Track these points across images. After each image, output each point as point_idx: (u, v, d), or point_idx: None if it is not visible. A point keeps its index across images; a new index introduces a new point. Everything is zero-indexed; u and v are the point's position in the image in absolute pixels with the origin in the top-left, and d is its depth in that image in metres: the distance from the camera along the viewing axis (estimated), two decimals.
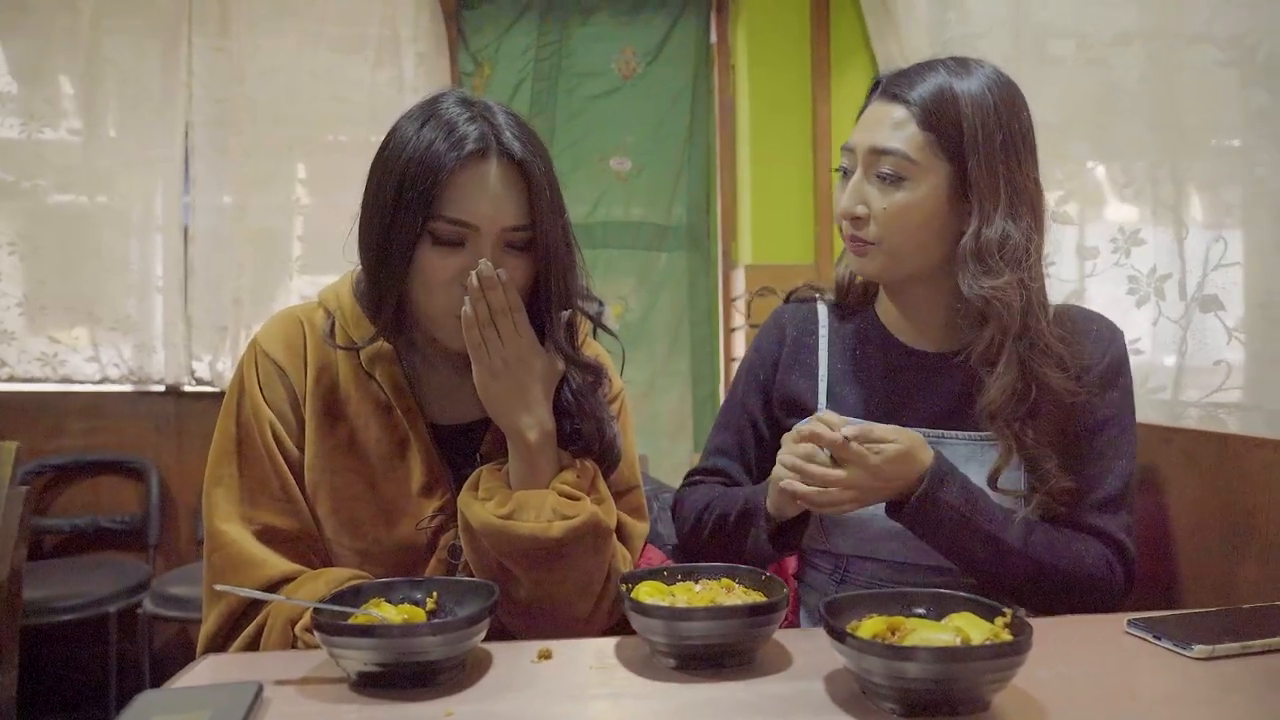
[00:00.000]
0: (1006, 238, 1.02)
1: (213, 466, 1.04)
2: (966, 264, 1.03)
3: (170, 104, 3.00)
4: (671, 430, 3.34)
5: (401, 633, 0.79)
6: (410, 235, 0.96)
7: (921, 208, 1.05)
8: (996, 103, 1.03)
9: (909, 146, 1.04)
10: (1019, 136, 1.05)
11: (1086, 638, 0.92)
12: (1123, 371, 1.11)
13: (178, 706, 0.73)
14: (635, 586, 0.90)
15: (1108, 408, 1.09)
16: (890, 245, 1.07)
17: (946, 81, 1.04)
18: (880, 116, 1.07)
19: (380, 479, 1.05)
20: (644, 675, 0.84)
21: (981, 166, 1.02)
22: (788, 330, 1.24)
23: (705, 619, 0.82)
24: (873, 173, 1.06)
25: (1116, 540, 1.07)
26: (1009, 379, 1.03)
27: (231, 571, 0.98)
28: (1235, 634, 0.87)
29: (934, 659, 0.70)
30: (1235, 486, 1.15)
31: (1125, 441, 1.09)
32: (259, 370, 1.06)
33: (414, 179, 0.95)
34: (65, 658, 2.75)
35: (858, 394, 1.16)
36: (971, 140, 1.02)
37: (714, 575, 0.94)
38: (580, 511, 0.99)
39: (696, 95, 3.36)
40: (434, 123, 0.97)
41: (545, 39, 3.29)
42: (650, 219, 3.36)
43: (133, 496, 2.98)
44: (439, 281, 0.98)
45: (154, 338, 3.02)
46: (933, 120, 1.03)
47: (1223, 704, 0.77)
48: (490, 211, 0.97)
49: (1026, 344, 1.04)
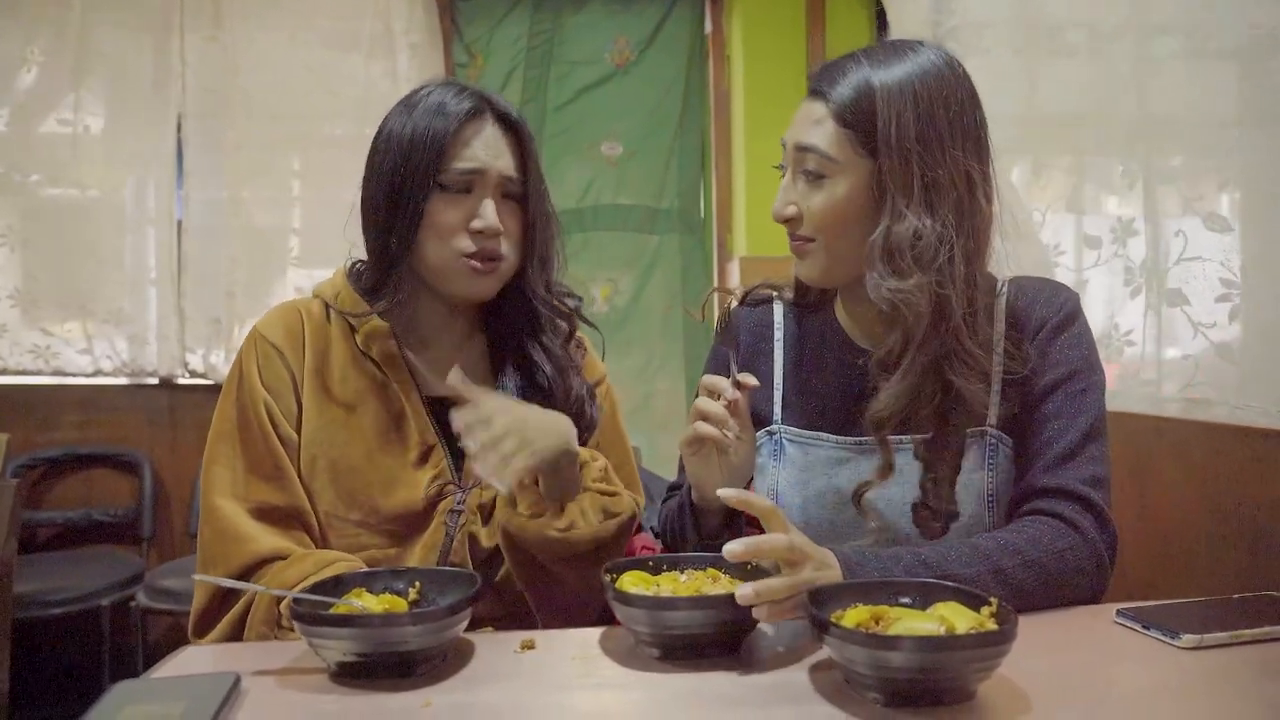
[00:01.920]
0: (918, 236, 0.96)
1: (211, 446, 1.07)
2: (874, 263, 0.98)
3: (162, 96, 2.99)
4: (663, 414, 3.34)
5: (381, 622, 0.78)
6: (422, 192, 1.05)
7: (845, 205, 1.00)
8: (918, 92, 0.97)
9: (826, 143, 1.00)
10: (943, 124, 0.97)
11: (1074, 627, 0.92)
12: (1078, 328, 1.05)
13: (152, 697, 0.72)
14: (619, 576, 0.90)
15: (1062, 366, 1.03)
16: (825, 245, 1.03)
17: (866, 74, 0.99)
18: (805, 113, 1.04)
19: (377, 450, 1.08)
20: (627, 666, 0.83)
21: (894, 159, 0.97)
22: (742, 337, 1.19)
23: (688, 609, 0.81)
24: (799, 171, 1.04)
25: (1076, 494, 0.97)
26: (905, 386, 0.98)
27: (221, 546, 1.01)
28: (1223, 624, 0.86)
29: (918, 648, 0.69)
30: (1224, 477, 1.15)
31: (1087, 400, 1.02)
32: (258, 353, 1.10)
33: (419, 140, 1.05)
34: (58, 651, 2.74)
35: (815, 402, 1.12)
36: (885, 132, 0.97)
37: (699, 565, 0.93)
38: (625, 508, 1.08)
39: (690, 82, 3.35)
40: (425, 105, 1.07)
41: (538, 27, 3.28)
42: (641, 202, 3.35)
43: (126, 489, 2.98)
44: (449, 227, 1.06)
45: (147, 330, 3.01)
46: (849, 116, 0.98)
47: (1211, 694, 0.76)
48: (491, 159, 1.07)
49: (938, 350, 0.98)
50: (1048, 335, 1.04)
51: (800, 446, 1.10)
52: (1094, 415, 1.02)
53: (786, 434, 1.11)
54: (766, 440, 1.13)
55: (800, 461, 1.10)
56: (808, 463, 1.09)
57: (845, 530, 1.06)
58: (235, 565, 1.00)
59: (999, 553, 0.94)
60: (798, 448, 1.10)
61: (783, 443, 1.11)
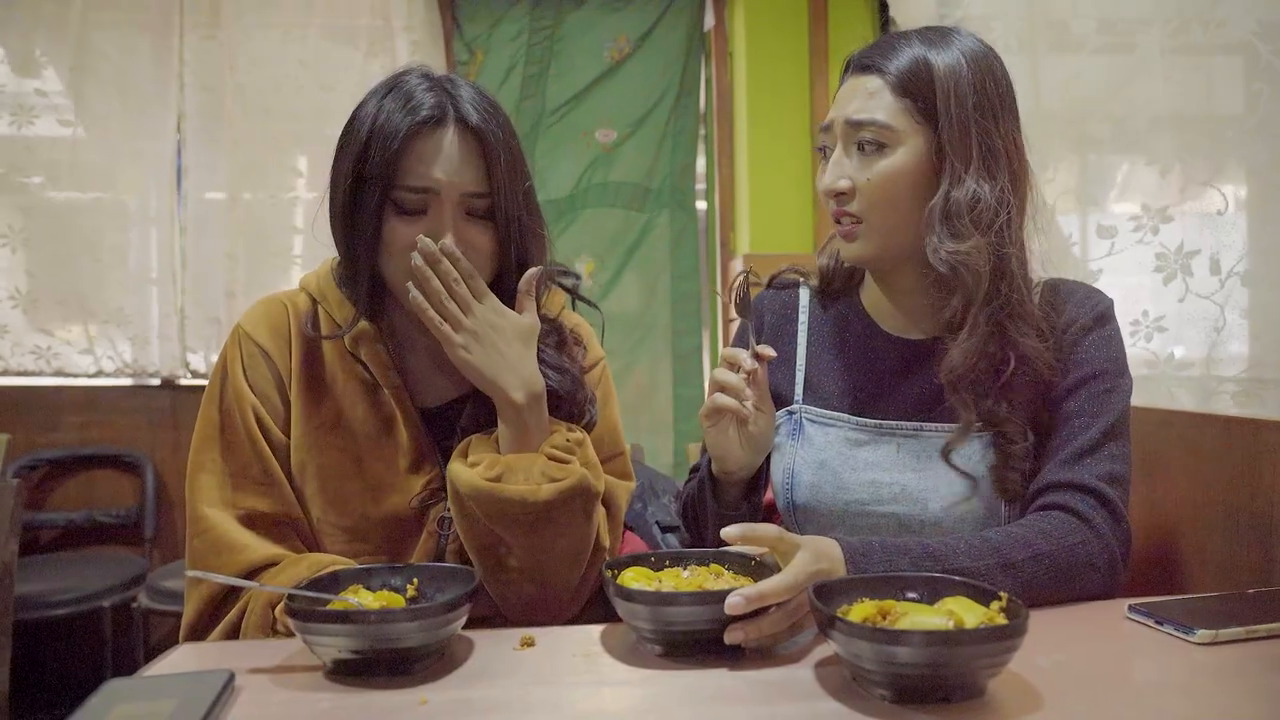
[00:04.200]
0: (976, 200, 0.99)
1: (195, 452, 1.03)
2: (933, 227, 1.01)
3: (162, 95, 2.99)
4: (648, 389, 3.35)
5: (378, 619, 0.77)
6: (374, 207, 0.97)
7: (905, 175, 1.02)
8: (969, 65, 1.02)
9: (886, 114, 1.02)
10: (995, 98, 1.03)
11: (1085, 623, 0.90)
12: (1109, 330, 1.06)
13: (144, 695, 0.70)
14: (621, 572, 0.88)
15: (1088, 365, 1.03)
16: (877, 221, 1.04)
17: (920, 50, 1.03)
18: (856, 89, 1.05)
19: (367, 456, 1.04)
20: (628, 662, 0.81)
21: (954, 126, 1.00)
22: (766, 318, 1.22)
23: (691, 604, 0.79)
24: (853, 146, 1.04)
25: (1090, 488, 0.97)
26: (973, 343, 1.00)
27: (213, 556, 0.98)
28: (1239, 618, 0.85)
29: (926, 643, 0.67)
30: (1238, 470, 1.12)
31: (1111, 401, 1.02)
32: (243, 353, 1.05)
33: (372, 150, 0.96)
34: (60, 653, 2.74)
35: (837, 385, 1.13)
36: (944, 102, 1.00)
37: (702, 561, 0.91)
38: (569, 474, 0.97)
39: (687, 68, 3.34)
40: (394, 94, 0.99)
41: (539, 24, 3.28)
42: (631, 179, 3.35)
43: (128, 490, 2.97)
44: (402, 248, 0.98)
45: (149, 331, 3.01)
46: (908, 86, 1.02)
47: (1225, 689, 0.74)
48: (448, 177, 0.97)
49: (1000, 309, 1.00)
50: (1077, 334, 1.04)
51: (820, 427, 1.12)
52: (1116, 415, 1.02)
53: (807, 414, 1.13)
54: (786, 419, 1.14)
55: (818, 441, 1.11)
56: (825, 442, 1.10)
57: (854, 515, 1.06)
58: (229, 575, 0.96)
59: (1009, 545, 0.92)
60: (817, 428, 1.12)
61: (802, 422, 1.13)
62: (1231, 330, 1.41)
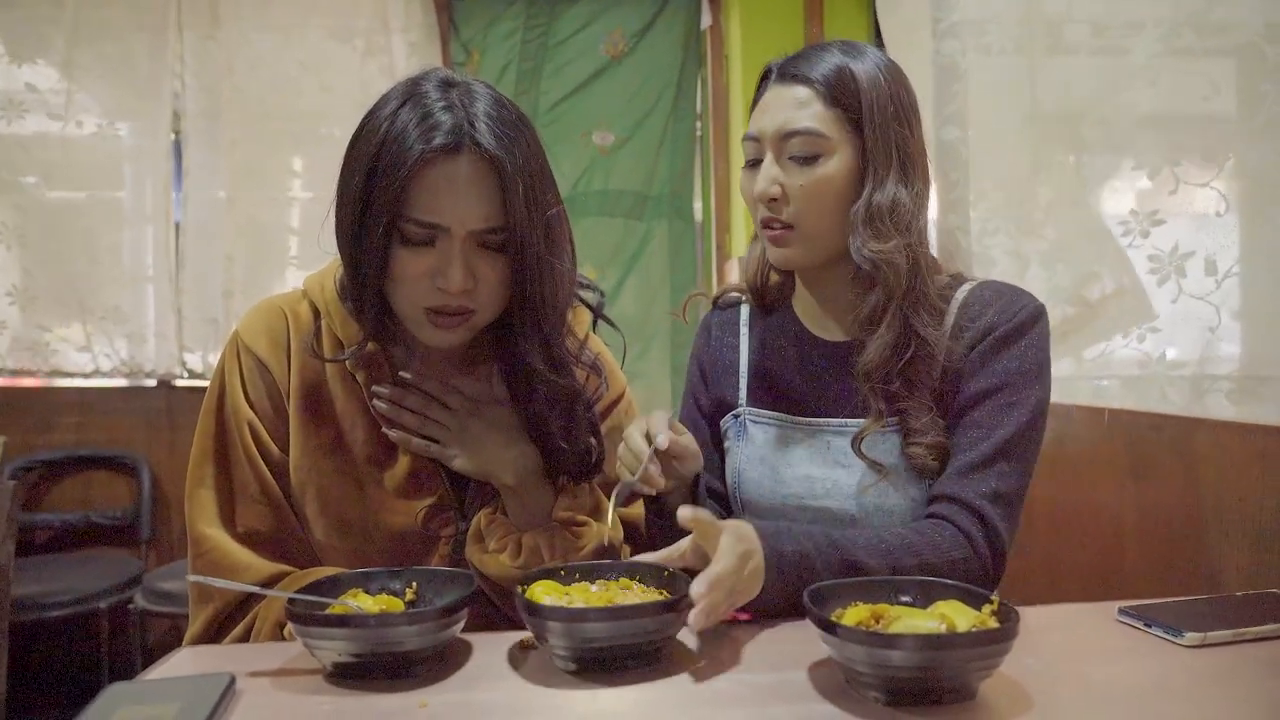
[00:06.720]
0: (896, 203, 1.04)
1: (194, 467, 1.02)
2: (857, 229, 1.05)
3: (160, 95, 2.99)
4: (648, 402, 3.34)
5: (377, 623, 0.78)
6: (380, 234, 0.92)
7: (835, 181, 1.05)
8: (885, 76, 1.07)
9: (819, 123, 1.05)
10: (909, 107, 1.08)
11: (1076, 625, 0.91)
12: (1025, 341, 1.04)
13: (146, 698, 0.71)
14: (530, 586, 0.85)
15: (996, 376, 1.03)
16: (808, 227, 1.07)
17: (842, 60, 1.06)
18: (784, 99, 1.07)
19: (368, 481, 1.03)
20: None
21: (877, 134, 1.05)
22: (713, 333, 1.29)
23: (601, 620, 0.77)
24: (784, 156, 1.06)
25: (972, 506, 0.99)
26: (889, 338, 1.04)
27: (216, 577, 0.96)
28: (1227, 621, 0.86)
29: (918, 646, 0.68)
30: (1226, 473, 1.14)
31: (1010, 415, 1.02)
32: (241, 366, 1.03)
33: (382, 171, 0.91)
34: (57, 654, 2.74)
35: (775, 387, 1.18)
36: (869, 111, 1.04)
37: (611, 575, 0.91)
38: (589, 540, 1.04)
39: (685, 70, 3.35)
40: (411, 106, 0.92)
41: (534, 20, 3.29)
42: (630, 187, 3.35)
43: (124, 491, 2.97)
44: (409, 279, 0.95)
45: (145, 329, 3.01)
46: (837, 96, 1.05)
47: (1215, 692, 0.75)
48: (459, 212, 0.92)
49: (910, 304, 1.05)
50: (991, 344, 1.04)
51: (761, 426, 1.17)
52: (1013, 430, 1.01)
53: (750, 415, 1.19)
54: (733, 422, 1.21)
55: (759, 440, 1.17)
56: (765, 440, 1.16)
57: (793, 510, 1.11)
58: (232, 597, 0.97)
59: (901, 550, 0.96)
60: (759, 427, 1.18)
61: (746, 423, 1.19)
62: (1225, 330, 1.43)
